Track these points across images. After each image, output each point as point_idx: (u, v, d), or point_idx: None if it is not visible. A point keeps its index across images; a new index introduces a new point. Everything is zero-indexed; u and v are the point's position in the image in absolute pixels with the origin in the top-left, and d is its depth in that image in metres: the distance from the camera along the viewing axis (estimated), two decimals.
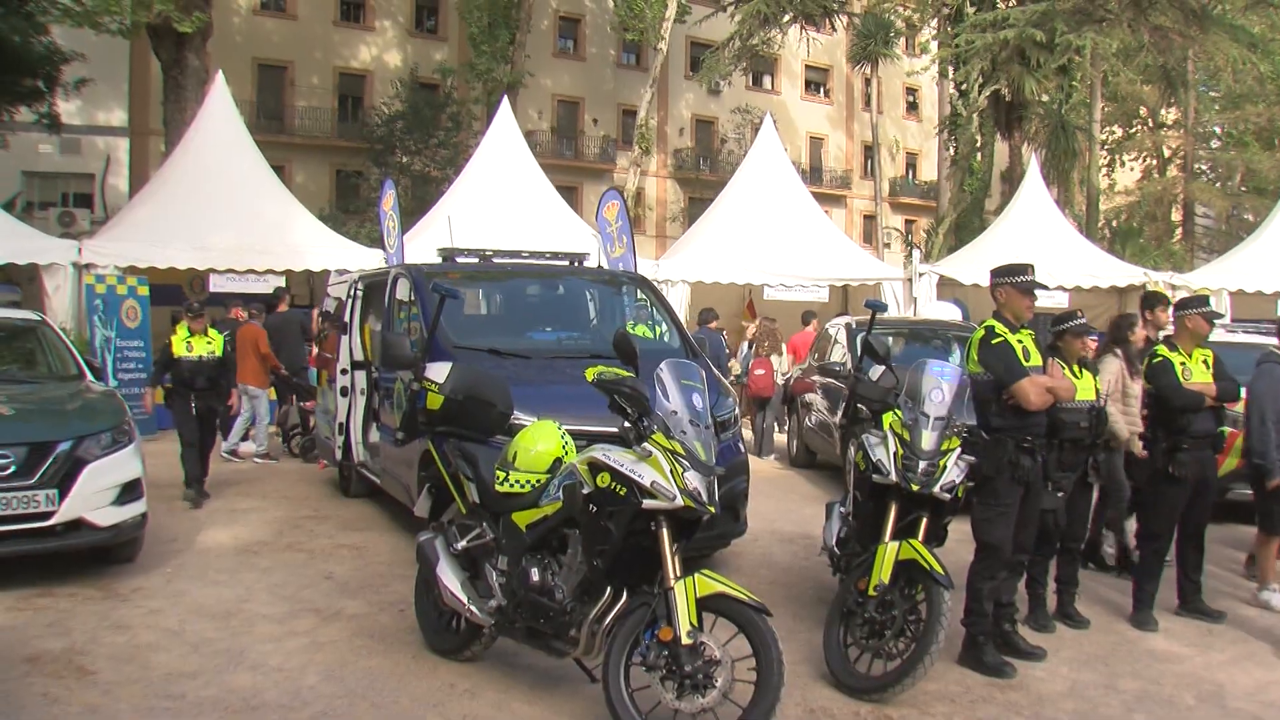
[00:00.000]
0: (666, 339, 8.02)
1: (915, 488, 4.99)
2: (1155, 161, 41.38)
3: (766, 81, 41.67)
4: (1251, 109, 36.29)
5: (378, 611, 5.88)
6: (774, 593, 6.36)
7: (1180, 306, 6.35)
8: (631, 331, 7.60)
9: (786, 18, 26.89)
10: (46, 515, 6.00)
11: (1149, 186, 40.34)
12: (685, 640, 3.98)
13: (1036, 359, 5.25)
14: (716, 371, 7.75)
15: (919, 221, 42.15)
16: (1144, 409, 6.38)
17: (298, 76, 32.52)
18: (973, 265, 15.38)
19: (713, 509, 4.13)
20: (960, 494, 5.13)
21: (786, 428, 12.87)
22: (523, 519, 4.63)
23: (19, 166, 25.83)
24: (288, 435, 12.08)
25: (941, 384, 5.15)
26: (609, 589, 4.25)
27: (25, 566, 6.25)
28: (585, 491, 4.29)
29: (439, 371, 5.09)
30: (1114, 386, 6.68)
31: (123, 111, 29.24)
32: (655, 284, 10.33)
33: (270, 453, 11.67)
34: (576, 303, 8.59)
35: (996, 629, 5.36)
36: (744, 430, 8.93)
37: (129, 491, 6.44)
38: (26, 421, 6.27)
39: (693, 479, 4.05)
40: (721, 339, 13.32)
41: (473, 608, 4.74)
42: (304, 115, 32.12)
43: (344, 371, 9.06)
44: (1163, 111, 39.72)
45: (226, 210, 13.45)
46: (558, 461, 4.72)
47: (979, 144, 29.36)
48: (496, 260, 8.39)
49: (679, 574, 4.07)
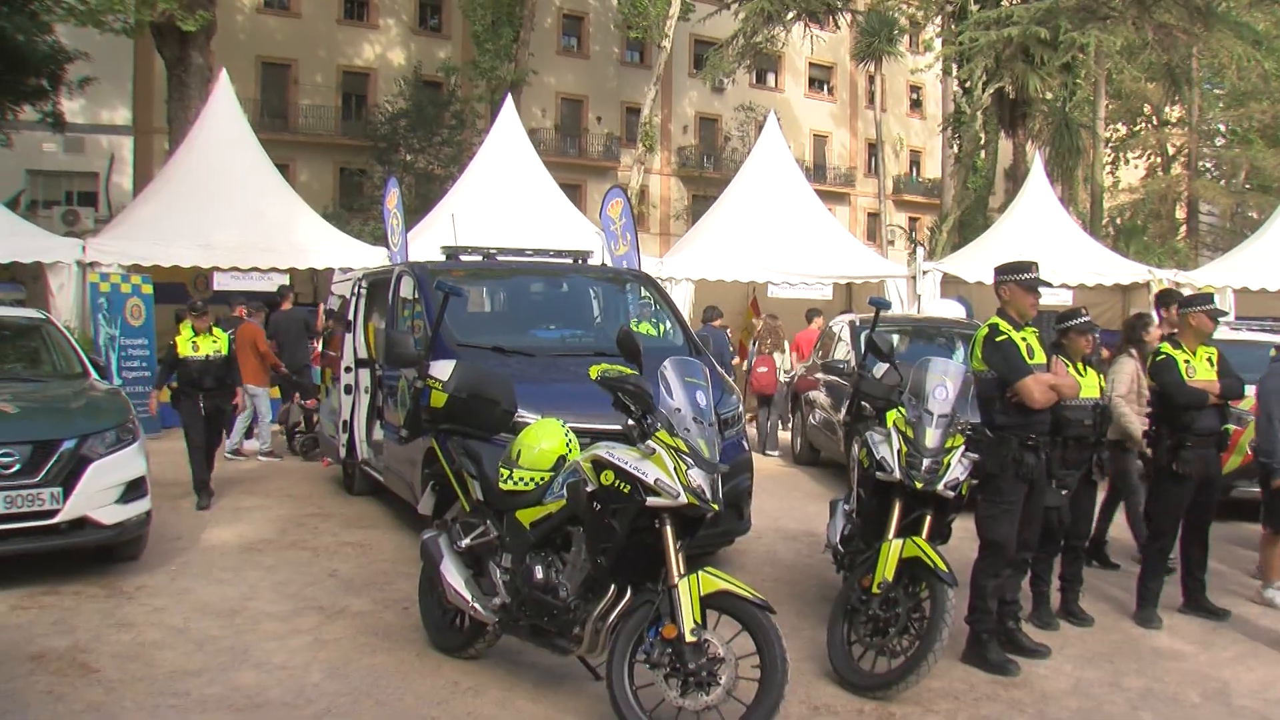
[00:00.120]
0: (670, 337, 8.02)
1: (919, 485, 4.99)
2: (1159, 159, 41.30)
3: (770, 79, 41.63)
4: (1256, 106, 36.21)
5: (382, 609, 5.89)
6: (778, 590, 6.35)
7: (1184, 304, 6.33)
8: (635, 329, 7.60)
9: (790, 15, 26.90)
10: (51, 513, 6.01)
11: (1153, 184, 40.27)
12: (689, 638, 3.98)
13: (1040, 357, 5.25)
14: (720, 369, 7.74)
15: (923, 219, 42.11)
16: (1148, 406, 6.37)
17: (301, 75, 32.55)
18: (976, 263, 15.34)
19: (716, 506, 4.13)
20: (964, 491, 5.14)
21: (791, 425, 12.87)
22: (527, 517, 4.63)
23: (23, 165, 25.84)
24: (291, 433, 12.09)
25: (945, 381, 5.15)
26: (613, 587, 4.25)
27: (30, 565, 6.26)
28: (589, 489, 4.29)
29: (443, 369, 5.09)
30: (1130, 387, 6.64)
31: (127, 110, 29.28)
32: (659, 282, 10.34)
33: (275, 451, 11.69)
34: (580, 300, 8.59)
35: (1000, 626, 5.36)
36: (748, 427, 8.92)
37: (133, 490, 6.44)
38: (31, 420, 6.29)
39: (696, 476, 4.05)
40: (725, 336, 13.32)
41: (477, 605, 4.74)
42: (308, 113, 32.17)
43: (348, 369, 9.06)
44: (1167, 109, 39.68)
45: (230, 209, 13.45)
46: (561, 459, 4.72)
47: (983, 141, 29.32)
48: (500, 258, 8.38)
49: (683, 571, 4.07)
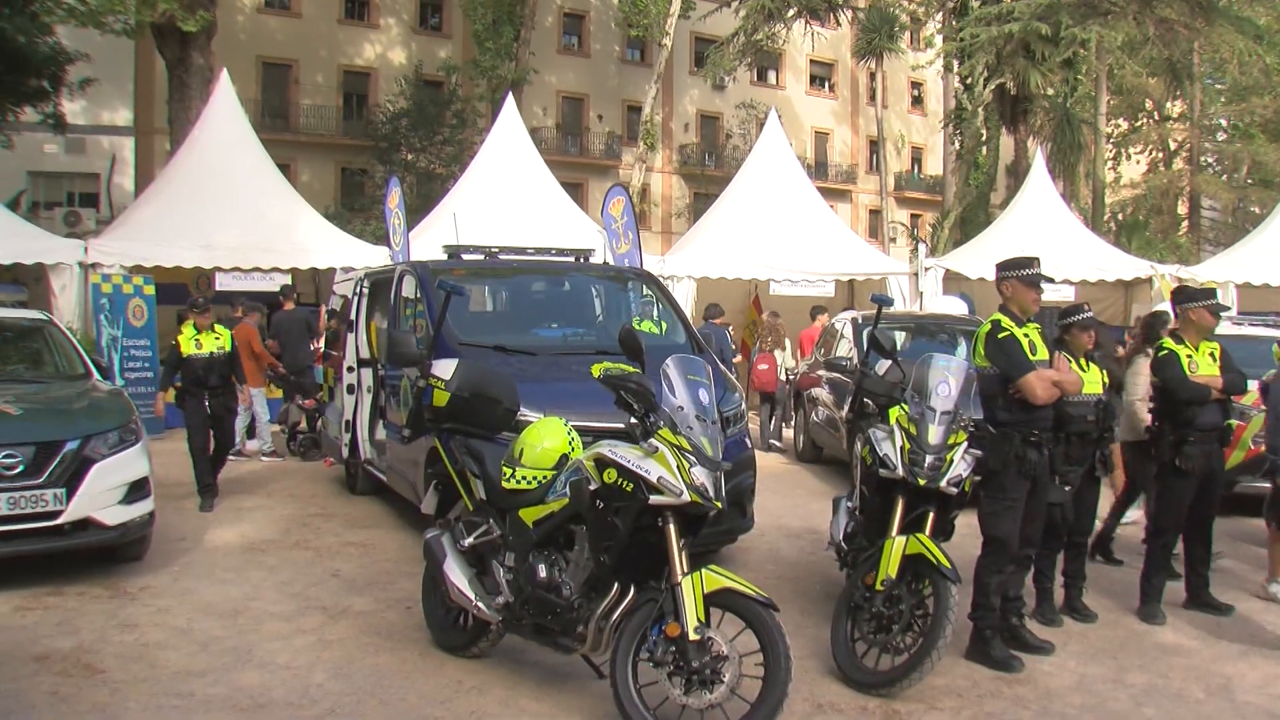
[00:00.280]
0: (672, 335, 8.01)
1: (922, 482, 4.99)
2: (1161, 154, 41.23)
3: (771, 76, 41.59)
4: (1257, 101, 36.20)
5: (385, 609, 5.89)
6: (781, 588, 6.34)
7: (1186, 299, 6.31)
8: (637, 327, 7.60)
9: (791, 12, 26.91)
10: (54, 514, 6.01)
11: (1155, 179, 40.24)
12: (692, 636, 3.98)
13: (1043, 353, 5.25)
14: (722, 367, 7.74)
15: (924, 216, 42.08)
16: (1150, 402, 6.35)
17: (302, 74, 32.56)
18: (978, 259, 15.32)
19: (719, 504, 4.12)
20: (967, 488, 5.13)
21: (794, 423, 12.86)
22: (529, 515, 4.62)
23: (24, 166, 25.84)
24: (292, 433, 12.10)
25: (948, 378, 5.14)
26: (616, 585, 4.24)
27: (33, 566, 6.27)
28: (592, 488, 4.29)
29: (445, 368, 5.09)
30: (1149, 390, 6.55)
31: (128, 111, 29.29)
32: (661, 280, 10.33)
33: (277, 451, 11.69)
34: (582, 299, 8.59)
35: (1004, 623, 5.36)
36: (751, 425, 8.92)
37: (136, 490, 6.44)
38: (34, 421, 6.29)
39: (699, 474, 4.05)
40: (727, 334, 13.32)
41: (480, 604, 4.74)
42: (309, 113, 32.18)
43: (350, 369, 9.06)
44: (1168, 104, 39.62)
45: (232, 209, 13.46)
46: (564, 458, 4.71)
47: (984, 138, 29.27)
48: (502, 257, 8.38)
49: (686, 569, 4.07)
